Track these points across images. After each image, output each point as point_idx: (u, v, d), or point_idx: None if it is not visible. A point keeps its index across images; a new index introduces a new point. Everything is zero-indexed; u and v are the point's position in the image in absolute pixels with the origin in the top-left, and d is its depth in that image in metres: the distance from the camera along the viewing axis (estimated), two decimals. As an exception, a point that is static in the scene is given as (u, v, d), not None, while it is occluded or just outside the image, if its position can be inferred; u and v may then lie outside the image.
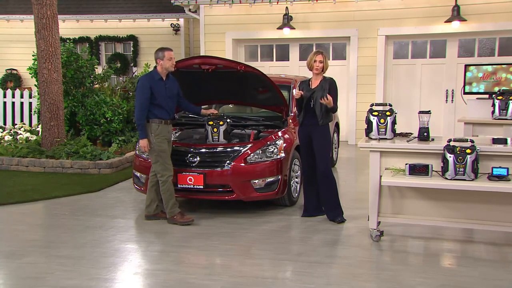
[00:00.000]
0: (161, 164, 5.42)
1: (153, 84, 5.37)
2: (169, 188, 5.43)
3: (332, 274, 4.17)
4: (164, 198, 5.46)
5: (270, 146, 5.76)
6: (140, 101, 5.34)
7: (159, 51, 5.51)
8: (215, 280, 4.06)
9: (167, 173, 5.43)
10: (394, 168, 4.68)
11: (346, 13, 10.33)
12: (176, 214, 5.48)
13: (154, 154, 5.44)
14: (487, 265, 4.28)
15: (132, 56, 13.24)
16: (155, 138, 5.39)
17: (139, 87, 5.38)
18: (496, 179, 4.26)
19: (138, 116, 5.38)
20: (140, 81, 5.44)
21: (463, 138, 4.53)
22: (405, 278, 4.05)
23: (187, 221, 5.47)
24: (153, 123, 5.40)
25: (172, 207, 5.46)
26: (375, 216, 4.81)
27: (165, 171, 5.43)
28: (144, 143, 5.36)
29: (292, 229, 5.42)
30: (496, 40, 9.96)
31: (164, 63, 5.43)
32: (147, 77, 5.44)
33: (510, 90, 6.03)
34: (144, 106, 5.33)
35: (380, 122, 4.83)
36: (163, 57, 5.43)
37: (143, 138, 5.37)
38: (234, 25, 11.05)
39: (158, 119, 5.40)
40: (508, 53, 9.85)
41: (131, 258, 4.59)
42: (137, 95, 5.40)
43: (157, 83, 5.41)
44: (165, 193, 5.44)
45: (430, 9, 9.79)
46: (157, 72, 5.48)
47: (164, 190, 5.43)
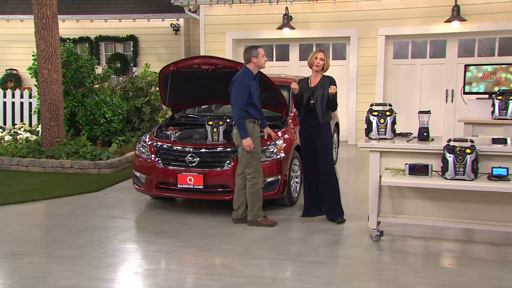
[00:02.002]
0: (255, 166, 5.33)
1: (250, 83, 5.29)
2: (258, 191, 5.35)
3: (332, 274, 4.18)
4: (251, 200, 5.35)
5: (270, 146, 5.76)
6: (241, 100, 5.22)
7: (252, 49, 5.37)
8: (215, 280, 4.06)
9: (259, 175, 5.35)
10: (394, 168, 4.68)
11: (346, 13, 10.33)
12: (260, 217, 5.39)
13: (248, 155, 5.30)
14: (487, 265, 4.28)
15: (132, 56, 13.24)
16: (253, 139, 5.29)
17: (239, 86, 5.26)
18: (496, 179, 4.26)
19: (239, 115, 5.24)
20: (238, 80, 5.30)
21: (463, 138, 4.54)
22: (405, 278, 4.05)
23: (271, 223, 5.38)
24: (249, 123, 5.31)
25: (257, 210, 5.36)
26: (375, 216, 4.81)
27: (257, 173, 5.34)
28: (249, 141, 5.22)
29: (292, 229, 5.42)
30: (496, 40, 9.96)
31: (259, 60, 5.33)
32: (244, 76, 5.31)
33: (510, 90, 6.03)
34: (243, 105, 5.22)
35: (380, 122, 4.84)
36: (257, 54, 5.31)
37: (246, 136, 5.22)
38: (234, 25, 11.04)
39: (253, 119, 5.34)
40: (508, 53, 9.85)
41: (131, 258, 4.59)
42: (237, 94, 5.27)
43: (252, 82, 5.32)
44: (253, 195, 5.34)
45: (430, 9, 9.79)
46: (250, 70, 5.37)
47: (254, 192, 5.33)
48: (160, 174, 5.80)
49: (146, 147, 6.08)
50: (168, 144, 6.00)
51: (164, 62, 7.33)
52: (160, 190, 5.88)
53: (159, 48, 13.00)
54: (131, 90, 10.07)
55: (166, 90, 6.41)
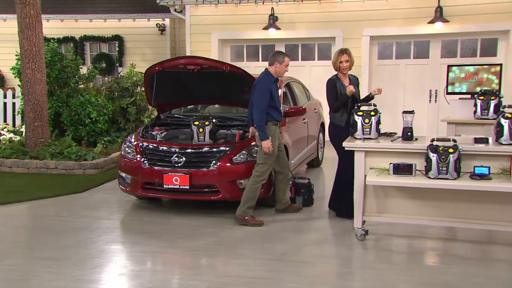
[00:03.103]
0: (264, 166, 5.41)
1: (271, 87, 5.40)
2: (257, 190, 5.44)
3: (317, 273, 4.21)
4: (246, 196, 5.42)
5: (256, 146, 5.77)
6: (262, 102, 5.33)
7: (280, 55, 5.50)
8: (201, 280, 4.06)
9: (264, 177, 5.44)
10: (378, 167, 4.72)
11: (331, 14, 10.38)
12: (248, 216, 5.46)
13: (264, 156, 5.40)
14: (469, 263, 4.34)
15: (117, 56, 13.17)
16: (272, 141, 5.39)
17: (261, 89, 5.37)
18: (478, 178, 4.33)
19: (260, 117, 5.34)
20: (260, 83, 5.41)
21: (446, 137, 4.59)
22: (390, 276, 4.09)
23: (258, 223, 5.44)
24: (271, 126, 5.42)
25: (247, 208, 5.45)
26: (360, 215, 4.85)
27: (265, 174, 5.43)
28: (268, 143, 5.31)
29: (278, 229, 5.43)
30: (478, 41, 10.10)
31: (281, 67, 5.46)
32: (266, 80, 5.43)
33: (491, 90, 6.11)
34: (265, 108, 5.33)
35: (364, 122, 4.88)
36: (282, 61, 5.44)
37: (266, 139, 5.32)
38: (220, 25, 11.04)
39: (275, 121, 5.44)
40: (490, 54, 10.00)
41: (116, 259, 4.57)
42: (259, 97, 5.37)
43: (273, 85, 5.45)
44: (250, 192, 5.42)
45: (413, 10, 9.89)
46: (271, 74, 5.48)
47: (252, 189, 5.41)
48: (145, 175, 5.78)
49: (131, 148, 6.06)
50: (154, 144, 5.99)
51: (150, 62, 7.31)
52: (146, 191, 5.86)
53: (144, 48, 12.94)
54: (116, 90, 10.02)
55: (151, 90, 6.40)
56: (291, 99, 7.38)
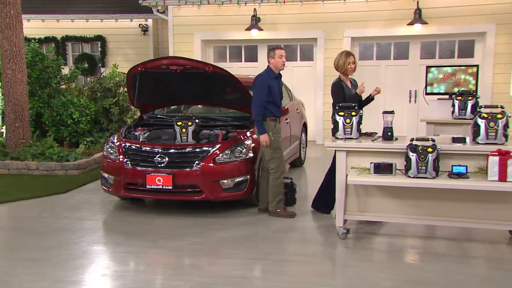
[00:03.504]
0: (276, 160, 5.60)
1: (271, 82, 5.55)
2: (280, 185, 5.62)
3: (300, 272, 4.25)
4: (273, 193, 5.62)
5: (238, 146, 5.81)
6: (259, 98, 5.51)
7: (271, 50, 5.66)
8: (184, 280, 4.07)
9: (281, 170, 5.63)
10: (359, 167, 4.78)
11: (312, 15, 10.46)
12: (280, 209, 5.64)
13: (270, 151, 5.58)
14: (448, 260, 4.42)
15: (100, 57, 13.08)
16: (273, 136, 5.57)
17: (258, 85, 5.55)
18: (456, 176, 4.42)
19: (256, 112, 5.53)
20: (258, 79, 5.59)
21: (425, 137, 4.67)
22: (371, 274, 4.15)
23: (290, 214, 5.64)
24: (270, 121, 5.59)
25: (278, 202, 5.63)
26: (341, 214, 4.90)
27: (279, 167, 5.61)
28: (266, 137, 5.50)
29: (261, 228, 5.47)
30: (456, 43, 10.27)
31: (275, 61, 5.59)
32: (265, 75, 5.60)
33: (468, 91, 6.24)
34: (262, 103, 5.51)
35: (346, 122, 4.94)
36: (274, 55, 5.59)
37: (264, 133, 5.50)
38: (203, 26, 11.04)
39: (274, 116, 5.60)
40: (467, 55, 10.17)
41: (99, 259, 4.56)
42: (256, 92, 5.58)
43: (273, 81, 5.60)
44: (275, 189, 5.60)
45: (393, 12, 10.01)
46: (272, 70, 5.63)
47: (276, 185, 5.60)
48: (128, 175, 5.77)
49: (114, 148, 6.04)
50: (137, 144, 5.98)
51: (133, 62, 7.28)
52: (129, 191, 5.85)
53: (127, 49, 12.88)
54: (99, 90, 9.96)
55: (134, 91, 6.39)
56: (274, 100, 7.42)
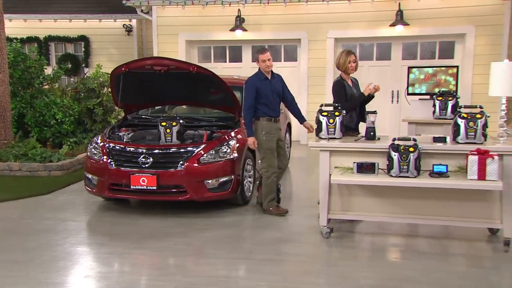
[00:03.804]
0: (267, 160, 5.70)
1: (259, 84, 5.63)
2: (271, 184, 5.73)
3: (284, 271, 4.28)
4: (265, 191, 5.76)
5: (223, 146, 5.82)
6: (248, 101, 5.65)
7: (257, 53, 5.76)
8: (168, 280, 4.08)
9: (271, 169, 5.71)
10: (343, 166, 4.84)
11: (296, 16, 10.52)
12: (272, 207, 5.76)
13: (261, 151, 5.72)
14: (429, 258, 4.50)
15: (83, 57, 12.99)
16: (265, 136, 5.66)
17: (246, 88, 5.72)
18: (437, 175, 4.49)
19: (244, 115, 5.70)
20: (247, 82, 5.74)
21: (407, 137, 4.73)
22: (353, 273, 4.20)
23: (282, 212, 5.75)
24: (263, 121, 5.67)
25: (270, 201, 5.76)
26: (325, 214, 4.95)
27: (270, 167, 5.71)
28: (251, 140, 5.64)
29: (245, 228, 5.50)
30: (437, 44, 10.41)
31: (260, 65, 5.69)
32: (254, 78, 5.71)
33: (449, 91, 6.33)
34: (250, 106, 5.62)
35: (329, 122, 4.98)
36: (257, 59, 5.70)
37: (249, 135, 5.65)
38: (187, 27, 11.03)
39: (267, 116, 5.66)
40: (447, 56, 10.32)
41: (83, 261, 4.54)
42: (245, 96, 5.79)
43: (263, 82, 5.66)
44: (266, 187, 5.74)
45: (376, 13, 10.11)
46: (262, 72, 5.71)
47: (267, 184, 5.73)
48: (112, 176, 5.76)
49: (98, 149, 6.02)
50: (121, 145, 5.96)
51: (117, 63, 7.25)
52: (113, 192, 5.84)
53: (111, 49, 12.80)
54: (82, 91, 9.90)
55: (118, 91, 6.37)
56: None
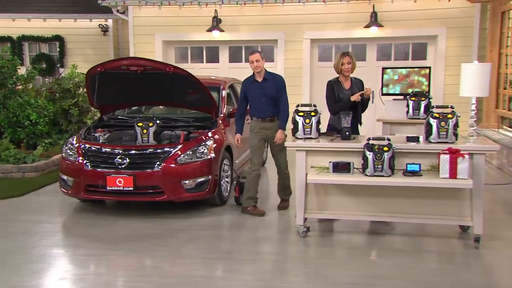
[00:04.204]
0: (251, 156, 5.95)
1: (247, 87, 5.86)
2: (251, 180, 5.82)
3: (261, 271, 4.31)
4: (245, 187, 5.89)
5: (200, 147, 5.83)
6: (238, 103, 6.09)
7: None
8: (145, 281, 4.07)
9: (253, 166, 5.86)
10: (319, 166, 4.89)
11: (273, 17, 10.56)
12: (250, 206, 5.82)
13: (250, 150, 5.99)
14: (403, 255, 4.59)
15: (58, 57, 12.80)
16: (251, 133, 5.93)
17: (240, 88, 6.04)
18: (410, 174, 4.59)
19: (235, 113, 6.04)
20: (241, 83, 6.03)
21: (381, 136, 4.82)
22: (330, 271, 4.25)
23: (259, 212, 5.78)
24: (252, 121, 5.93)
25: (247, 199, 5.83)
26: (301, 213, 5.00)
27: (252, 163, 5.90)
28: (236, 137, 5.97)
29: (223, 228, 5.52)
30: (410, 45, 10.58)
31: (250, 66, 5.81)
32: (246, 80, 5.93)
33: (421, 91, 6.46)
34: (239, 106, 6.01)
35: (305, 122, 5.04)
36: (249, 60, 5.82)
37: (236, 133, 5.99)
38: (164, 27, 10.97)
39: (255, 117, 5.88)
40: (420, 57, 10.50)
41: (58, 263, 4.50)
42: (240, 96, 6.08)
43: (251, 85, 5.84)
44: (247, 183, 5.86)
45: (351, 15, 10.23)
46: (253, 74, 5.85)
47: (247, 180, 5.86)
48: (88, 177, 5.71)
49: (73, 150, 5.97)
50: (97, 146, 5.92)
51: (93, 63, 7.17)
52: (89, 193, 5.80)
53: (87, 49, 12.66)
54: (57, 91, 9.76)
55: (93, 92, 6.32)
56: (235, 100, 7.48)
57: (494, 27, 9.17)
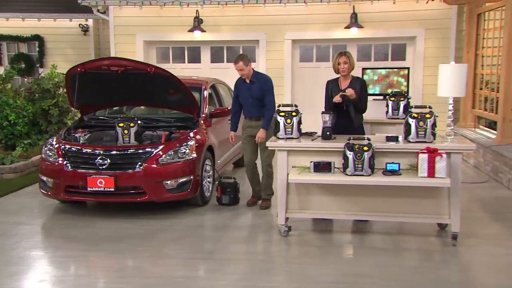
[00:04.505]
0: (243, 152, 6.22)
1: (239, 86, 6.07)
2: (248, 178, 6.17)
3: (243, 270, 4.33)
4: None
5: (182, 147, 5.83)
6: (233, 99, 6.35)
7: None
8: (126, 282, 4.06)
9: (245, 160, 6.15)
10: (300, 166, 4.93)
11: (254, 17, 10.59)
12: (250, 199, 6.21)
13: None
14: (382, 254, 4.65)
15: (38, 57, 12.65)
16: (242, 131, 6.17)
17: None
18: (390, 173, 4.65)
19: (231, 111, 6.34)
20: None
21: (361, 136, 4.88)
22: (311, 270, 4.29)
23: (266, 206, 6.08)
24: (243, 119, 6.16)
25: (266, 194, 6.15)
26: (283, 212, 5.03)
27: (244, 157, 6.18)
28: (230, 134, 6.24)
29: (205, 228, 5.53)
30: (389, 46, 10.70)
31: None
32: (238, 79, 6.10)
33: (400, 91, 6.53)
34: (233, 104, 6.30)
35: (286, 122, 5.07)
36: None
37: (231, 130, 6.23)
38: (145, 27, 10.92)
39: (244, 115, 6.14)
40: (399, 58, 10.62)
41: (37, 265, 4.46)
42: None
43: (241, 85, 6.04)
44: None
45: (331, 16, 10.30)
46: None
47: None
48: (68, 178, 5.67)
49: (53, 150, 5.91)
50: (77, 146, 5.87)
51: (73, 63, 7.09)
52: (69, 194, 5.75)
53: (67, 49, 12.53)
54: (37, 91, 9.65)
55: (74, 92, 6.27)
56: (217, 100, 7.50)
57: (470, 28, 9.34)
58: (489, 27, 8.86)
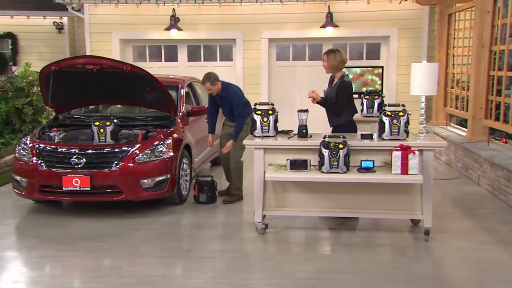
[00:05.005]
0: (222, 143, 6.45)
1: (211, 96, 6.32)
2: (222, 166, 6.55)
3: (220, 268, 4.35)
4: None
5: (158, 146, 5.81)
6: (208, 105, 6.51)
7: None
8: (102, 282, 4.04)
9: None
10: (277, 164, 4.97)
11: (231, 16, 10.60)
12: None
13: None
14: (358, 250, 4.72)
15: (10, 55, 12.44)
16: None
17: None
18: (364, 171, 4.73)
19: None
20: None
21: (337, 134, 4.94)
22: (287, 267, 4.33)
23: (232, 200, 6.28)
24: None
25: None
26: (260, 210, 5.06)
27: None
28: (209, 137, 6.46)
29: (182, 227, 5.53)
30: (364, 45, 10.85)
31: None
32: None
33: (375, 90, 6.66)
34: (208, 110, 6.49)
35: (263, 120, 5.11)
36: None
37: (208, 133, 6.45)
38: (121, 25, 10.82)
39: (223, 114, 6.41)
40: (374, 57, 10.76)
41: (11, 266, 4.41)
42: None
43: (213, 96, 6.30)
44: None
45: (307, 15, 10.39)
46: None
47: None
48: (43, 177, 5.60)
49: (27, 150, 5.83)
50: (52, 145, 5.81)
51: (48, 61, 7.00)
52: (44, 194, 5.69)
53: (41, 47, 12.35)
54: (10, 90, 9.49)
55: (48, 91, 6.19)
56: (194, 99, 7.49)
57: (441, 28, 9.53)
58: (459, 27, 9.06)
